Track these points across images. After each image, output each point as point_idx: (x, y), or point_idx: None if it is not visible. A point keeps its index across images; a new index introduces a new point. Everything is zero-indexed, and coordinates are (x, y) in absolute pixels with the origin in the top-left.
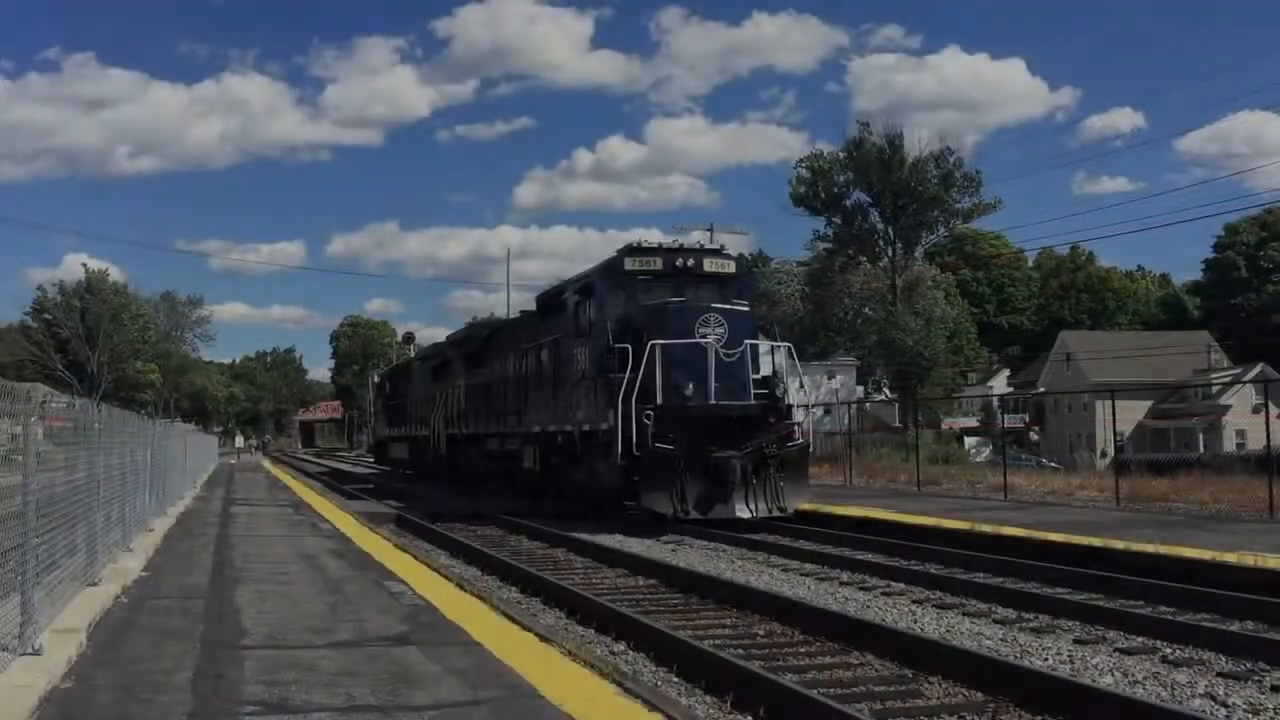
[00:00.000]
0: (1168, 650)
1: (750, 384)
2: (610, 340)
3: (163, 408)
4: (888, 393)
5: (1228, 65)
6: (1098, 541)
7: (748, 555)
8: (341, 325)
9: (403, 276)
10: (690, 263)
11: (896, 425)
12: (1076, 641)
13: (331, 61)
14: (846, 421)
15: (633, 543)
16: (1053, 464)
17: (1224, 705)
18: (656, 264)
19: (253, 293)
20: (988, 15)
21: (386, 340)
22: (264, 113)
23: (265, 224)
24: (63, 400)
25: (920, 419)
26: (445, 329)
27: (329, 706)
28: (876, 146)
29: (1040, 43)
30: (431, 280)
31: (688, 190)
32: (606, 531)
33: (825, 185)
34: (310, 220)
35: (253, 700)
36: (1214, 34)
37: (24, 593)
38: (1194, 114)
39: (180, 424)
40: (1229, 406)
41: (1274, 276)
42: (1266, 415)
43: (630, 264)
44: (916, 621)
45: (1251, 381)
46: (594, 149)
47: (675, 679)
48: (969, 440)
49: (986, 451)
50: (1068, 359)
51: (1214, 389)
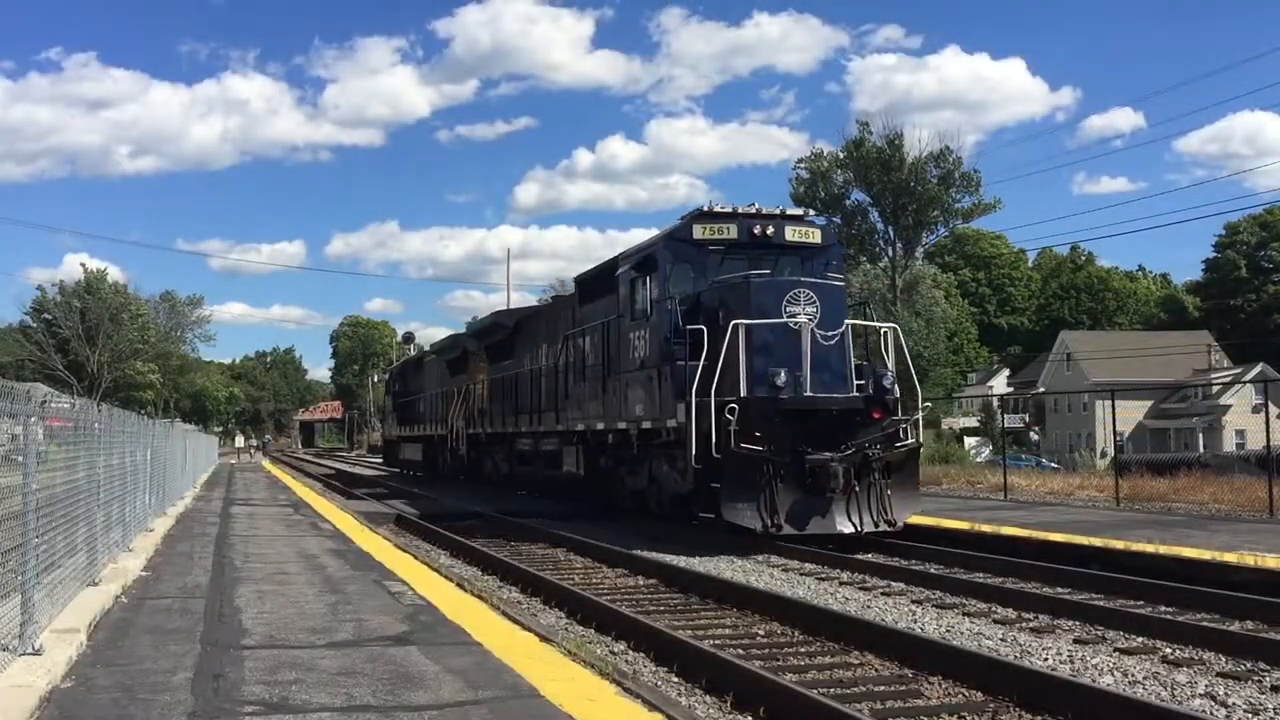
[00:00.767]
0: (1168, 650)
1: (850, 373)
2: (678, 322)
3: (163, 408)
4: None
5: (1228, 65)
6: (1098, 541)
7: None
8: (341, 325)
9: (403, 276)
10: (770, 230)
11: None
12: (1076, 641)
13: (332, 62)
14: None
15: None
16: (1052, 464)
17: (1224, 705)
18: (731, 232)
19: (253, 293)
20: (988, 15)
21: (386, 340)
22: (264, 113)
23: (265, 224)
24: (63, 400)
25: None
26: (445, 329)
27: (329, 706)
28: (876, 146)
29: (1040, 43)
30: (431, 280)
31: (688, 190)
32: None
33: (825, 185)
34: (310, 220)
35: (253, 700)
36: (1214, 34)
37: (24, 593)
38: (1194, 114)
39: (180, 424)
40: (1229, 406)
41: (1274, 276)
42: (1266, 415)
43: (700, 232)
44: (916, 621)
45: (1251, 381)
46: (594, 149)
47: (675, 679)
48: (969, 440)
49: (986, 451)
50: (1068, 359)
51: (1214, 389)
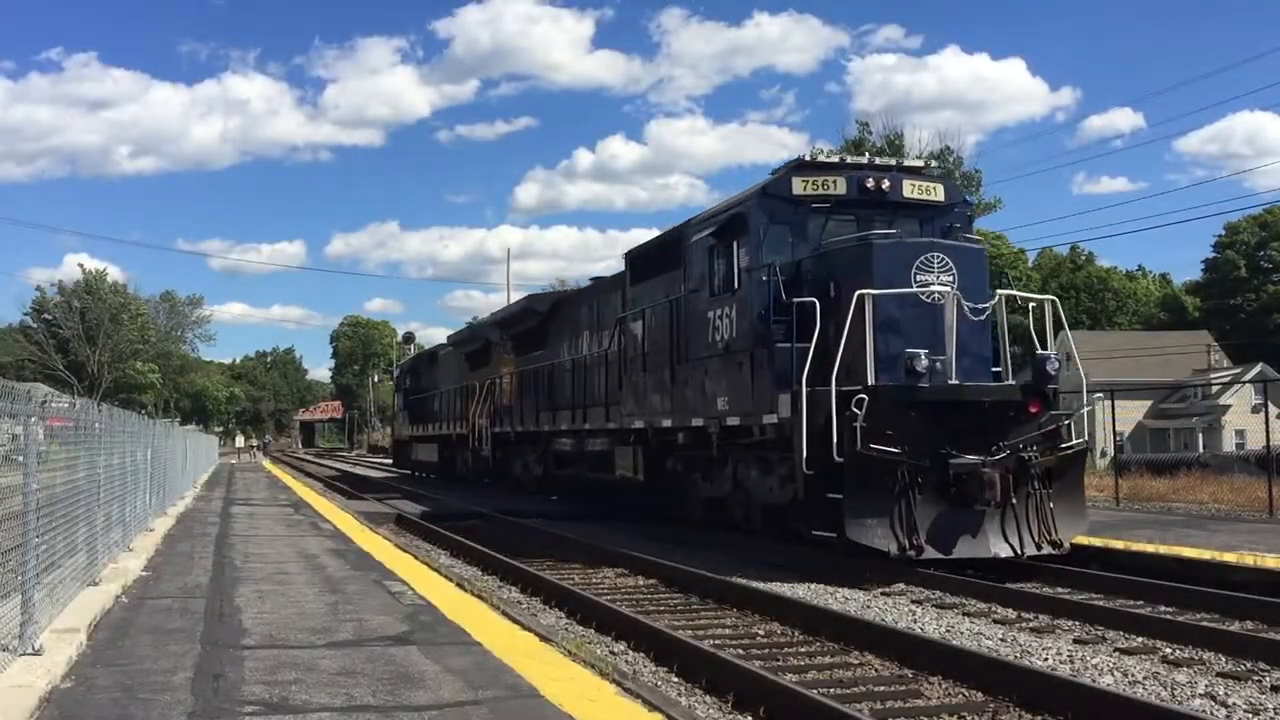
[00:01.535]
0: (1168, 650)
1: (995, 357)
2: (779, 294)
3: (163, 408)
4: None
5: (1228, 65)
6: (1098, 541)
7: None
8: (341, 325)
9: (403, 276)
10: (886, 184)
11: None
12: (1076, 641)
13: (332, 62)
14: None
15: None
16: None
17: (1224, 705)
18: (838, 186)
19: (253, 293)
20: (988, 15)
21: (386, 340)
22: (265, 113)
23: (265, 224)
24: (63, 400)
25: None
26: (445, 329)
27: (329, 706)
28: (876, 147)
29: (1040, 43)
30: (431, 280)
31: (688, 190)
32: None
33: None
34: (310, 220)
35: (253, 700)
36: (1214, 34)
37: (24, 592)
38: (1194, 114)
39: (179, 425)
40: (1228, 406)
41: (1274, 276)
42: (1266, 415)
43: (801, 186)
44: (916, 621)
45: (1251, 381)
46: (594, 149)
47: (675, 679)
48: None
49: None
50: (1068, 359)
51: (1214, 389)
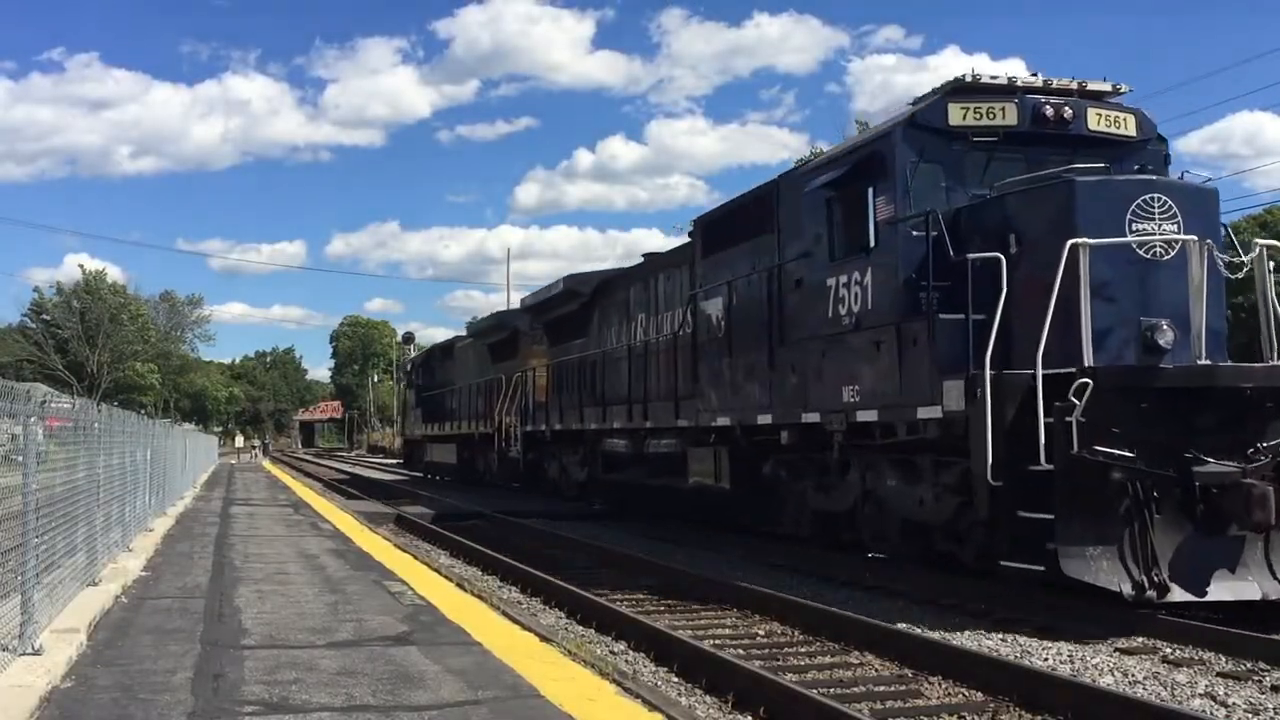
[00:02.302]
0: (1168, 650)
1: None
2: (943, 250)
3: (162, 408)
4: None
5: (1228, 65)
6: None
7: None
8: (341, 325)
9: (403, 276)
10: (1068, 113)
11: None
12: (1077, 641)
13: (333, 62)
14: None
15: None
16: None
17: (1224, 705)
18: (1006, 116)
19: (253, 293)
20: (988, 15)
21: (386, 340)
22: (265, 113)
23: (266, 224)
24: (63, 400)
25: None
26: (445, 329)
27: (329, 706)
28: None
29: (1040, 43)
30: (431, 280)
31: (689, 190)
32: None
33: None
34: (310, 220)
35: (253, 700)
36: (1214, 34)
37: (24, 593)
38: (1194, 114)
39: (181, 425)
40: None
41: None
42: None
43: (959, 115)
44: (917, 622)
45: None
46: (595, 149)
47: (675, 679)
48: None
49: None
50: None
51: None
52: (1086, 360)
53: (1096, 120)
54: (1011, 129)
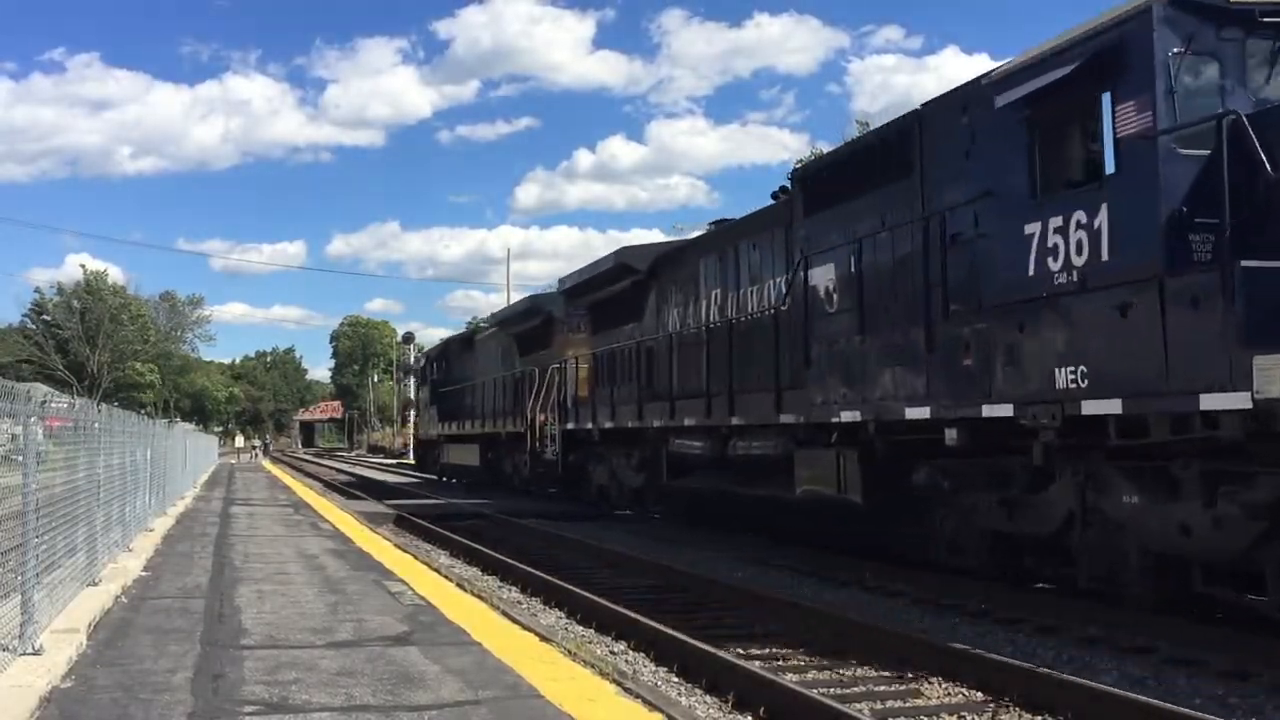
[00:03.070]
0: (1168, 650)
1: None
2: (1252, 170)
3: (163, 408)
4: None
5: None
6: None
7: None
8: (342, 325)
9: (403, 277)
10: None
11: None
12: (1077, 641)
13: (333, 62)
14: None
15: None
16: None
17: (1224, 705)
18: None
19: (253, 293)
20: (988, 15)
21: (387, 340)
22: (266, 113)
23: (266, 224)
24: (63, 400)
25: None
26: (446, 329)
27: (329, 706)
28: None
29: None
30: (432, 280)
31: (689, 190)
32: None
33: None
34: (311, 220)
35: (253, 700)
36: None
37: (24, 593)
38: None
39: (180, 424)
40: None
41: None
42: None
43: None
44: (917, 622)
45: None
46: (595, 149)
47: (675, 679)
48: None
49: None
50: None
51: None
52: None
53: None
54: None
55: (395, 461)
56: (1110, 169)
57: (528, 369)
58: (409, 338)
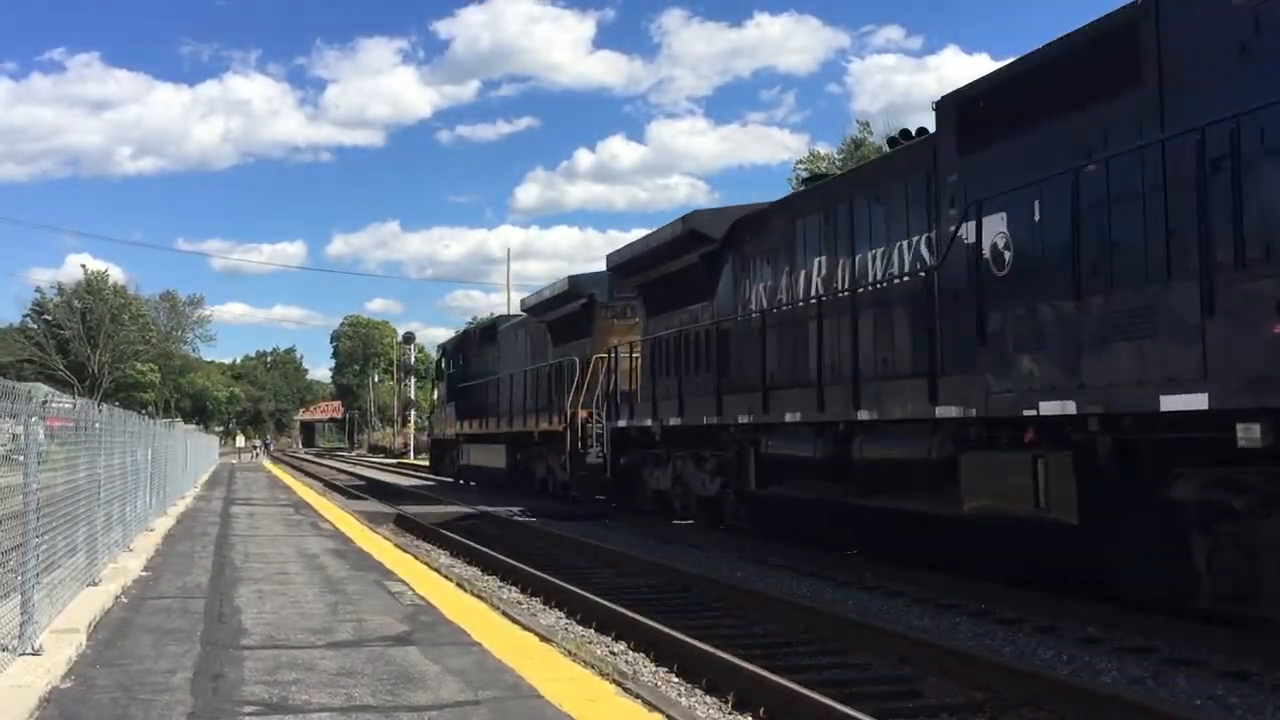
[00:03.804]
0: (1168, 650)
1: None
2: None
3: (163, 408)
4: None
5: None
6: None
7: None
8: (342, 325)
9: (403, 277)
10: None
11: None
12: (1076, 641)
13: (333, 62)
14: None
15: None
16: None
17: (1224, 706)
18: None
19: (254, 293)
20: (988, 16)
21: (387, 340)
22: (266, 113)
23: (266, 224)
24: (64, 400)
25: None
26: (446, 329)
27: (329, 706)
28: (876, 147)
29: (1039, 44)
30: (432, 280)
31: (689, 191)
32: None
33: None
34: (311, 220)
35: (252, 700)
36: None
37: (24, 593)
38: None
39: (180, 424)
40: None
41: None
42: None
43: None
44: (917, 622)
45: None
46: (595, 150)
47: (675, 679)
48: None
49: None
50: None
51: None
52: None
53: None
54: None
55: (396, 461)
56: None
57: (565, 359)
58: (409, 338)
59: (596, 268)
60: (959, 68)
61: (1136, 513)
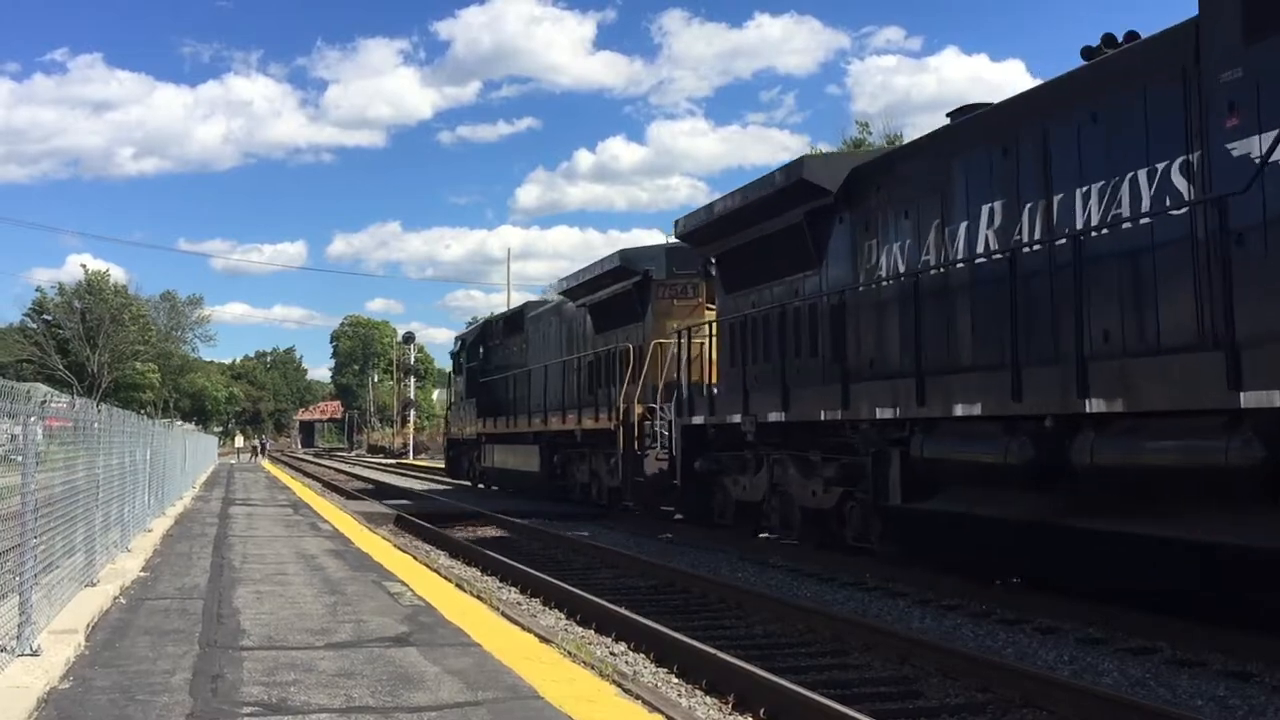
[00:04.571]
0: (1168, 651)
1: None
2: None
3: (162, 408)
4: None
5: None
6: None
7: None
8: (342, 325)
9: (403, 277)
10: None
11: None
12: (1078, 642)
13: (334, 63)
14: None
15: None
16: None
17: (1225, 707)
18: None
19: (254, 293)
20: (988, 16)
21: (387, 340)
22: (267, 114)
23: (267, 225)
24: (63, 400)
25: None
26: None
27: (328, 707)
28: (877, 147)
29: (1039, 44)
30: (432, 280)
31: (689, 191)
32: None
33: None
34: (312, 221)
35: (251, 701)
36: None
37: (22, 594)
38: None
39: (180, 424)
40: None
41: None
42: None
43: None
44: (917, 622)
45: None
46: (595, 150)
47: (675, 680)
48: None
49: None
50: None
51: None
52: None
53: None
54: None
55: (395, 461)
56: None
57: (618, 347)
58: (409, 338)
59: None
60: (959, 68)
61: None
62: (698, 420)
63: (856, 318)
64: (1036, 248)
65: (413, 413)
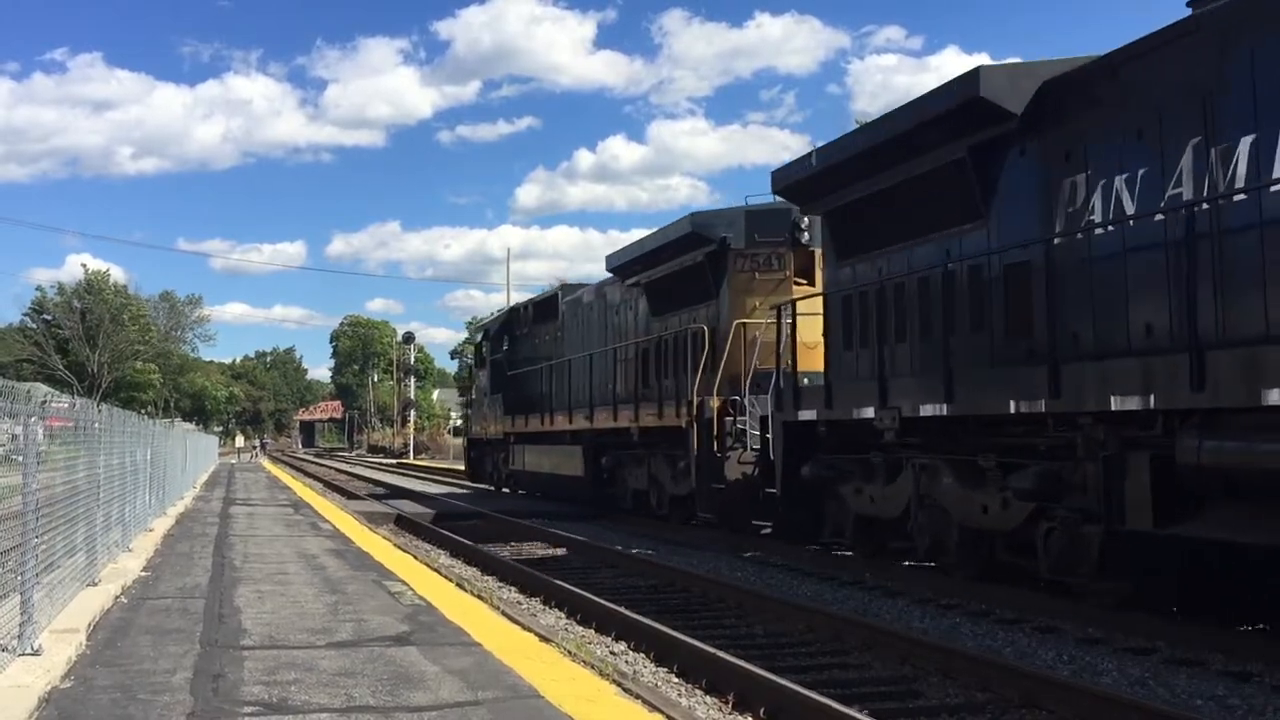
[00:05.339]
0: (1167, 650)
1: None
2: None
3: (163, 408)
4: None
5: None
6: None
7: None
8: (342, 325)
9: (403, 276)
10: None
11: None
12: (1077, 642)
13: (334, 63)
14: None
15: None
16: None
17: (1224, 706)
18: None
19: (254, 293)
20: (987, 16)
21: (387, 340)
22: (267, 114)
23: (267, 224)
24: (63, 400)
25: None
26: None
27: (328, 707)
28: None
29: (1039, 44)
30: (432, 280)
31: (689, 191)
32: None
33: None
34: (311, 221)
35: (252, 700)
36: None
37: (23, 593)
38: None
39: (180, 424)
40: None
41: None
42: None
43: None
44: (917, 622)
45: None
46: (595, 150)
47: (675, 679)
48: None
49: None
50: None
51: None
52: None
53: None
54: None
55: (395, 461)
56: None
57: (692, 329)
58: (409, 338)
59: (597, 268)
60: (959, 68)
61: None
62: (807, 415)
63: (1061, 279)
64: None
65: (413, 413)
